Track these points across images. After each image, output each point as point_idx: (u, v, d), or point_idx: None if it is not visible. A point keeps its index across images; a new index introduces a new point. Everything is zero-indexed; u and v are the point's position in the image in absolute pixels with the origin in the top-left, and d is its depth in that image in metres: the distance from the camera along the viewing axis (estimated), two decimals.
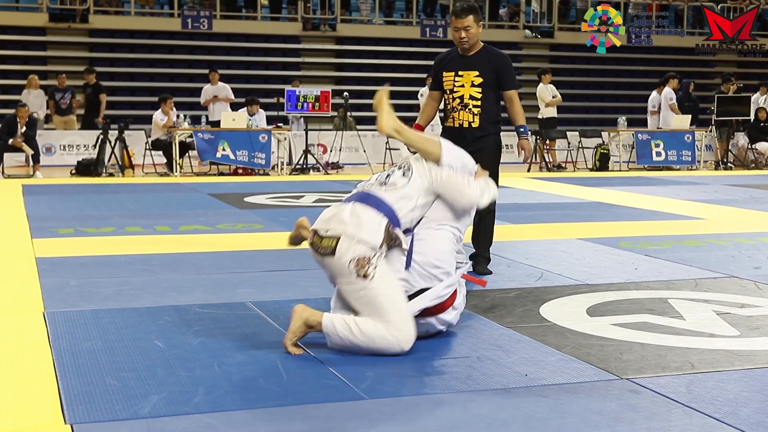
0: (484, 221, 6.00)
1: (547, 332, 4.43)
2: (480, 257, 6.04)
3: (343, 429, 3.15)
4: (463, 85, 5.90)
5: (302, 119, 15.67)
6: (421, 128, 6.21)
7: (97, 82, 16.54)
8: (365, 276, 3.93)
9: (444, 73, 5.99)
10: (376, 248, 3.97)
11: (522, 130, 6.01)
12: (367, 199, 4.15)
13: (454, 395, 3.48)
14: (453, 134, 5.89)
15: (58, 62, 19.57)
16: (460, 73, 5.91)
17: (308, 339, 4.20)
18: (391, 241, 4.06)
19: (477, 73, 5.87)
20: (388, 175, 4.30)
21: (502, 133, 6.11)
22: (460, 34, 5.83)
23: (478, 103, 5.88)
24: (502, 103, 6.06)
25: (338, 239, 3.98)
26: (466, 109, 5.90)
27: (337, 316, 4.02)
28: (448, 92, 5.98)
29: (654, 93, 17.36)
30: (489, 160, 5.90)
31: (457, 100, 5.93)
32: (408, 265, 4.13)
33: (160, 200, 10.52)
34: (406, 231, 4.20)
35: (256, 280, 5.67)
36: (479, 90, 5.87)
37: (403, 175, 4.29)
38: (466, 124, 5.91)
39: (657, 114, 17.09)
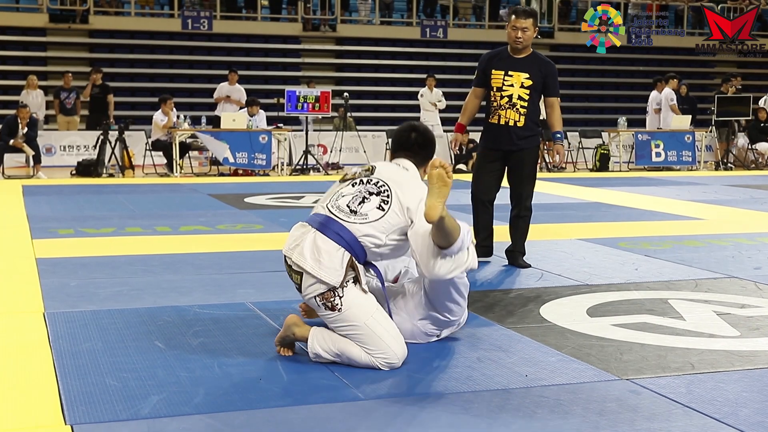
0: (524, 218, 6.28)
1: (547, 333, 4.42)
2: (516, 252, 6.30)
3: (342, 429, 3.15)
4: (512, 85, 6.12)
5: (307, 119, 15.67)
6: (464, 128, 6.49)
7: (104, 82, 16.52)
8: (333, 309, 3.80)
9: (493, 71, 6.19)
10: (336, 286, 3.77)
11: (558, 135, 6.33)
12: (331, 227, 3.85)
13: (454, 396, 3.48)
14: (497, 131, 6.20)
15: (59, 63, 19.58)
16: (510, 73, 6.14)
17: None
18: (354, 273, 3.83)
19: (527, 75, 6.11)
20: (363, 200, 3.92)
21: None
22: (517, 33, 6.09)
23: (525, 104, 6.12)
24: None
25: (302, 275, 3.83)
26: (514, 108, 6.13)
27: (324, 336, 3.86)
28: (495, 90, 6.18)
29: (654, 92, 17.35)
30: (529, 162, 6.25)
31: (506, 99, 6.14)
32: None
33: (160, 201, 10.51)
34: (370, 264, 4.01)
35: (256, 280, 5.67)
36: (527, 92, 6.12)
37: (379, 207, 3.90)
38: (512, 123, 6.15)
39: (658, 113, 17.07)
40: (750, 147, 17.27)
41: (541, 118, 6.47)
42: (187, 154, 14.99)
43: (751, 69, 24.23)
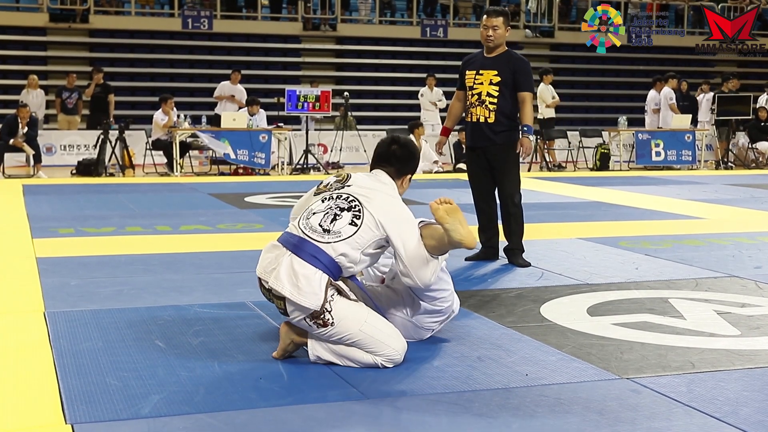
0: (513, 214, 6.27)
1: (548, 332, 4.42)
2: (515, 250, 6.30)
3: (343, 429, 3.15)
4: (482, 83, 6.20)
5: (307, 119, 15.69)
6: (448, 131, 6.64)
7: (105, 82, 16.51)
8: (326, 325, 3.75)
9: (467, 71, 6.32)
10: (318, 309, 3.70)
11: (525, 128, 6.25)
12: (306, 249, 3.79)
13: (455, 395, 3.48)
14: (472, 129, 6.30)
15: (59, 62, 19.57)
16: (480, 71, 6.23)
17: None
18: (334, 289, 3.79)
19: (496, 72, 6.17)
20: (334, 217, 3.87)
21: None
22: (488, 32, 6.17)
23: (495, 100, 6.16)
24: None
25: (284, 300, 3.76)
26: (483, 106, 6.19)
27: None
28: (468, 89, 6.29)
29: (652, 92, 17.32)
30: (506, 157, 6.24)
31: (476, 97, 6.23)
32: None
33: (160, 200, 10.52)
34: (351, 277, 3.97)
35: (256, 280, 5.65)
36: (497, 88, 6.16)
37: (352, 222, 3.85)
38: (482, 119, 6.21)
39: (657, 113, 17.06)
40: (750, 146, 17.27)
41: (544, 117, 6.47)
42: (187, 154, 14.99)
43: (751, 68, 24.22)
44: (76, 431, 3.07)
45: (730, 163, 17.01)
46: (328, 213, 3.90)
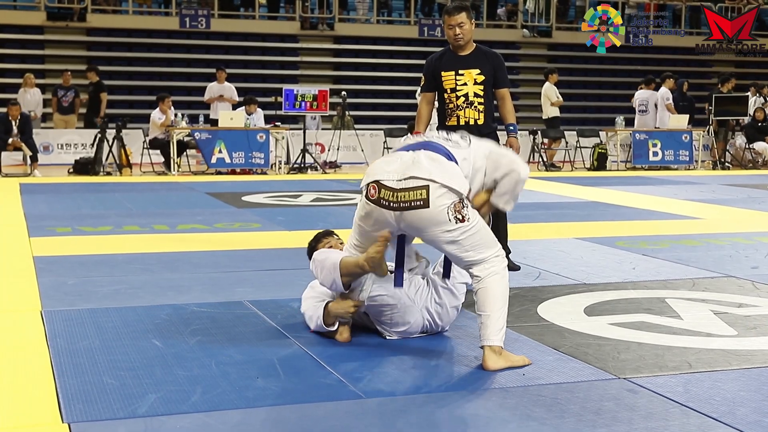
0: (501, 217, 6.07)
1: (545, 332, 4.43)
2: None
3: (339, 428, 3.15)
4: (466, 84, 5.93)
5: (305, 118, 15.70)
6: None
7: (99, 80, 16.50)
8: (463, 220, 3.75)
9: (443, 72, 5.97)
10: (463, 196, 3.76)
11: (511, 128, 6.09)
12: (435, 148, 3.87)
13: (452, 394, 3.48)
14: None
15: (56, 61, 19.55)
16: (461, 71, 5.93)
17: (305, 336, 4.20)
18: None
19: (479, 71, 5.92)
20: (446, 137, 4.03)
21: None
22: (455, 31, 5.86)
23: (482, 100, 5.94)
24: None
25: (427, 188, 3.72)
26: (472, 107, 5.94)
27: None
28: (449, 91, 5.97)
29: (642, 92, 17.20)
30: None
31: (462, 99, 5.94)
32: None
33: (157, 199, 10.51)
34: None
35: (253, 279, 5.66)
36: (482, 88, 5.93)
37: (462, 138, 4.06)
38: (472, 122, 5.94)
39: (646, 113, 16.95)
40: (747, 146, 17.28)
41: (549, 116, 6.30)
42: (184, 153, 14.98)
43: (749, 69, 24.23)
44: (72, 430, 3.07)
45: (727, 164, 17.02)
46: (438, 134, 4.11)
